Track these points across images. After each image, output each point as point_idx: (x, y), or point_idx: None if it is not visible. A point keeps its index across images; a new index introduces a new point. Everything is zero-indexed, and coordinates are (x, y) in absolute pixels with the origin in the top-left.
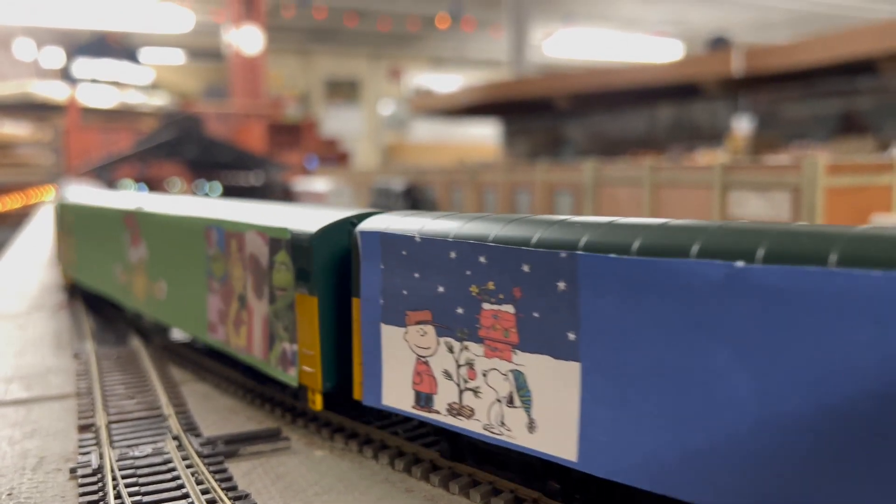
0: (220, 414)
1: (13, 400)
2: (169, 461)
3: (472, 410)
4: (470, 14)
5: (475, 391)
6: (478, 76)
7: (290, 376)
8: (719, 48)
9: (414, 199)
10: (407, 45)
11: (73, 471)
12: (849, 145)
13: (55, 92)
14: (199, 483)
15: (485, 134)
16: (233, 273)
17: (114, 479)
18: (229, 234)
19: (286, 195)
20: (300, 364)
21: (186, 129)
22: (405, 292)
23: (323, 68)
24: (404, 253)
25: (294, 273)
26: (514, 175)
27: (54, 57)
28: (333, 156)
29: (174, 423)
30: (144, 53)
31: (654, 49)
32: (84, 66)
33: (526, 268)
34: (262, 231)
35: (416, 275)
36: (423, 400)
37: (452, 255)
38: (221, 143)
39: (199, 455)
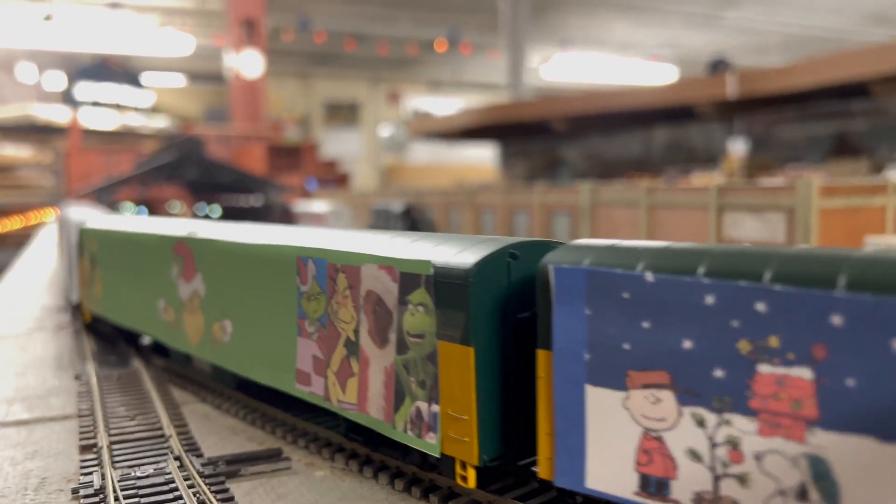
0: (221, 434)
1: (15, 421)
2: (171, 481)
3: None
4: (468, 38)
5: (741, 479)
6: (476, 99)
7: (429, 444)
8: (720, 70)
9: (412, 221)
10: (406, 69)
11: (75, 491)
12: (843, 167)
13: (56, 115)
14: (200, 503)
15: (482, 156)
16: (338, 314)
17: (116, 499)
18: (335, 266)
19: (286, 216)
20: (444, 430)
21: (187, 151)
22: (627, 346)
23: (322, 91)
24: (626, 296)
25: (437, 316)
26: (512, 197)
27: (56, 80)
28: (333, 178)
29: (176, 444)
30: (145, 77)
31: (649, 73)
32: (86, 90)
33: (836, 320)
34: (388, 264)
35: (646, 324)
36: (654, 486)
37: (709, 300)
38: (222, 165)
39: (201, 475)
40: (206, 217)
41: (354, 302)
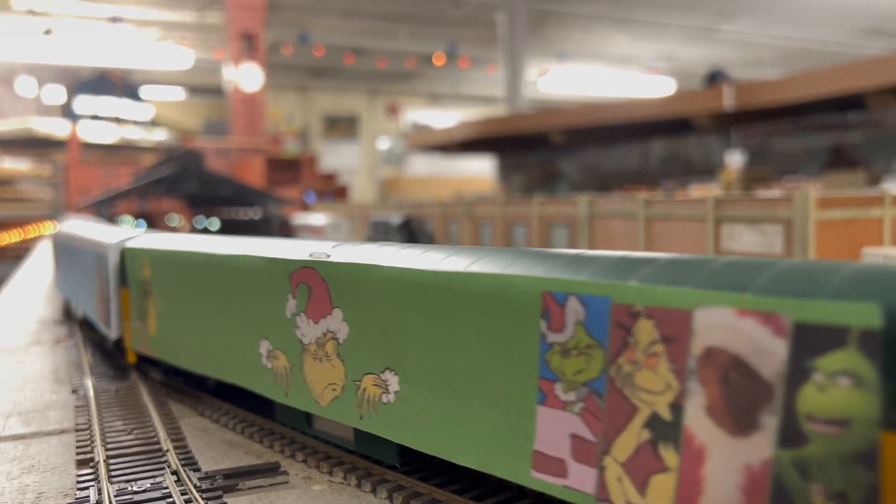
0: (218, 448)
1: (11, 435)
2: (168, 496)
3: None
4: (466, 52)
5: None
6: (474, 112)
7: None
8: (717, 82)
9: (411, 233)
10: (404, 82)
11: None
12: (840, 179)
13: (56, 128)
14: None
15: (481, 168)
16: (634, 379)
17: None
18: (630, 309)
19: (285, 229)
20: None
21: (186, 164)
22: None
23: (321, 104)
24: None
25: (884, 395)
26: (511, 209)
27: (56, 94)
28: (332, 190)
29: (173, 458)
30: (145, 90)
31: (646, 86)
32: (85, 103)
33: None
34: (764, 308)
35: None
36: None
37: None
38: (221, 178)
39: (198, 489)
40: (206, 230)
41: (675, 363)
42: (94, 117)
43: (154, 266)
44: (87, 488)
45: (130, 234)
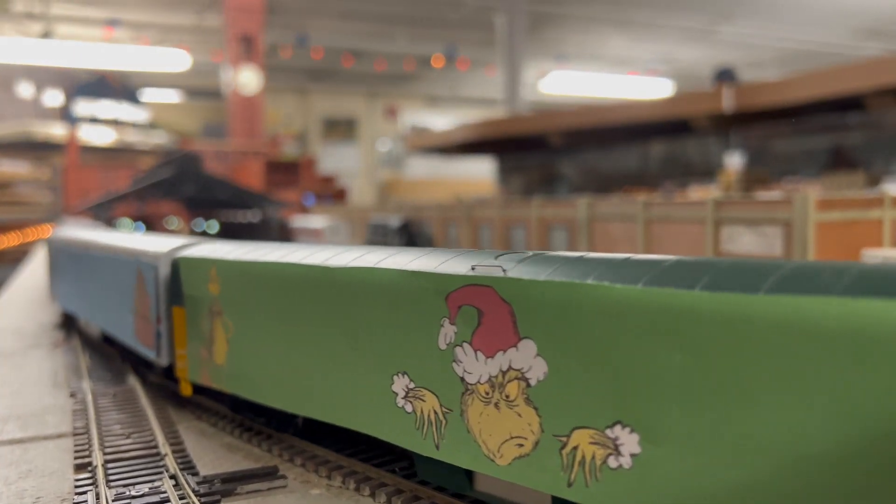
0: (217, 452)
1: (9, 439)
2: (166, 500)
3: None
4: (464, 54)
5: None
6: (473, 114)
7: None
8: (725, 81)
9: (410, 235)
10: (403, 85)
11: None
12: (839, 180)
13: (54, 131)
14: None
15: (480, 170)
16: None
17: None
18: None
19: (283, 232)
20: None
21: (184, 167)
22: None
23: (320, 107)
24: None
25: None
26: (510, 211)
27: (54, 97)
28: (330, 193)
29: (171, 462)
30: (143, 93)
31: (645, 87)
32: (83, 106)
33: None
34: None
35: None
36: None
37: None
38: (219, 180)
39: (196, 494)
40: (204, 233)
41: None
42: (93, 120)
43: (225, 280)
44: (84, 493)
45: (184, 241)
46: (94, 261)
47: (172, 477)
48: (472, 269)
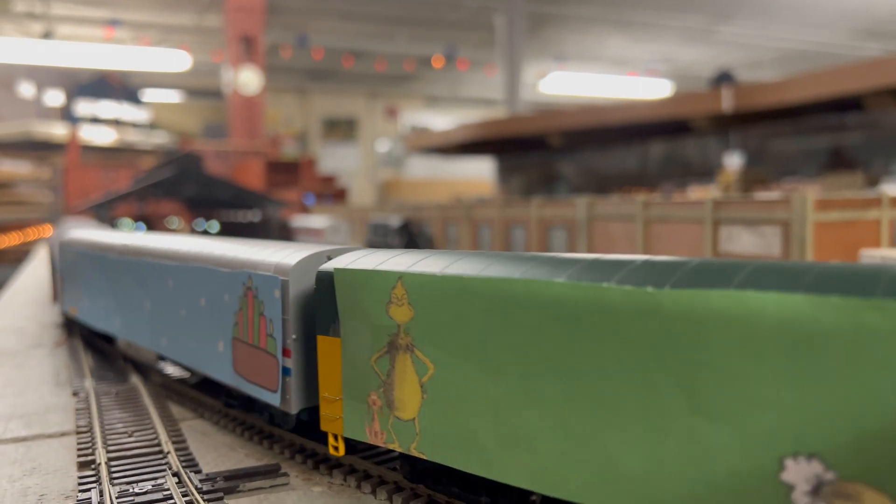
0: (219, 450)
1: (13, 438)
2: (169, 497)
3: None
4: (464, 55)
5: None
6: (473, 114)
7: None
8: (724, 84)
9: (410, 235)
10: (403, 85)
11: None
12: (838, 180)
13: (55, 131)
14: None
15: (479, 170)
16: None
17: None
18: None
19: (284, 232)
20: None
21: (185, 167)
22: None
23: (320, 107)
24: None
25: None
26: (509, 211)
27: (55, 97)
28: (331, 193)
29: (174, 460)
30: (144, 93)
31: (645, 87)
32: (84, 106)
33: None
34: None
35: None
36: None
37: None
38: (220, 180)
39: (199, 491)
40: (205, 233)
41: None
42: (94, 120)
43: (423, 302)
44: (88, 490)
45: (324, 247)
46: (152, 271)
47: (175, 474)
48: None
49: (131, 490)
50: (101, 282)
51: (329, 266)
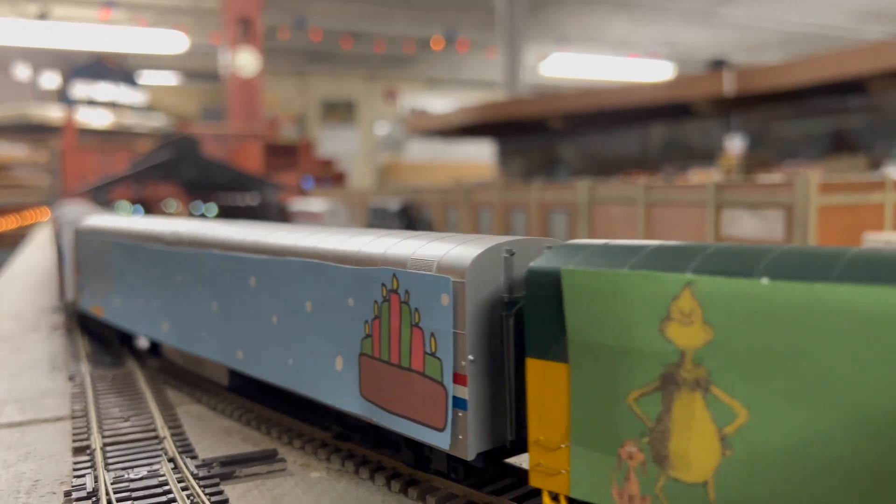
0: (215, 436)
1: (8, 423)
2: (164, 483)
3: None
4: (464, 36)
5: None
6: (473, 97)
7: None
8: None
9: (409, 219)
10: (402, 67)
11: (67, 494)
12: (841, 163)
13: (52, 114)
14: None
15: (480, 153)
16: None
17: (109, 501)
18: None
19: (282, 215)
20: None
21: (183, 150)
22: None
23: (319, 89)
24: None
25: None
26: (510, 195)
27: (52, 79)
28: (329, 176)
29: (170, 445)
30: (141, 75)
31: (646, 70)
32: (81, 88)
33: None
34: None
35: None
36: None
37: None
38: (218, 164)
39: (195, 477)
40: (203, 216)
41: None
42: (90, 103)
43: (731, 319)
44: (83, 476)
45: (509, 238)
46: (223, 266)
47: (171, 460)
48: None
49: (126, 476)
50: (139, 277)
51: (549, 264)
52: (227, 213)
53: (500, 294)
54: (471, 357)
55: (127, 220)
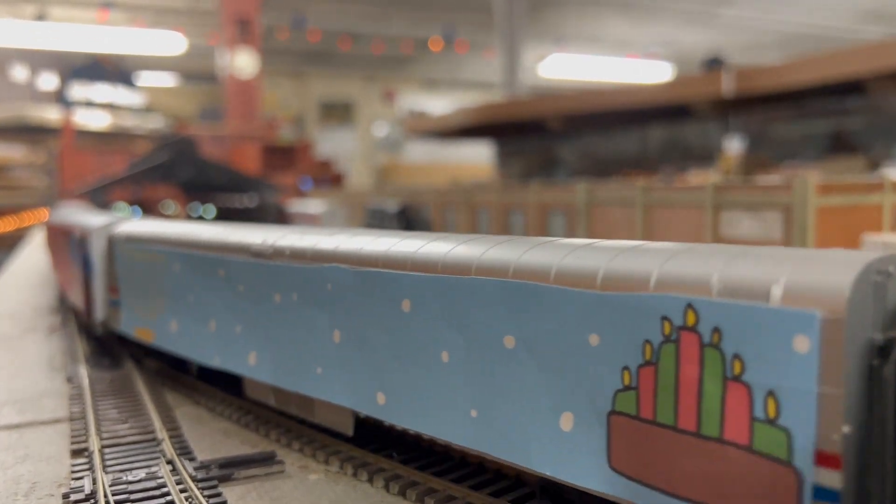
0: (214, 437)
1: (5, 424)
2: (163, 485)
3: None
4: (463, 37)
5: None
6: (471, 98)
7: None
8: (714, 69)
9: (408, 220)
10: (400, 68)
11: (65, 496)
12: (840, 165)
13: (49, 115)
14: None
15: (478, 154)
16: None
17: None
18: None
19: (280, 217)
20: None
21: (181, 151)
22: None
23: (317, 90)
24: None
25: None
26: (508, 196)
27: (49, 80)
28: (327, 177)
29: (168, 447)
30: (139, 76)
31: (645, 71)
32: (79, 89)
33: None
34: None
35: None
36: None
37: None
38: (216, 165)
39: (194, 479)
40: (200, 218)
41: None
42: (88, 104)
43: None
44: (81, 478)
45: (879, 254)
46: (356, 285)
47: (169, 462)
48: None
49: (125, 478)
50: (213, 296)
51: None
52: (225, 214)
53: (869, 334)
54: (846, 428)
55: (188, 225)
